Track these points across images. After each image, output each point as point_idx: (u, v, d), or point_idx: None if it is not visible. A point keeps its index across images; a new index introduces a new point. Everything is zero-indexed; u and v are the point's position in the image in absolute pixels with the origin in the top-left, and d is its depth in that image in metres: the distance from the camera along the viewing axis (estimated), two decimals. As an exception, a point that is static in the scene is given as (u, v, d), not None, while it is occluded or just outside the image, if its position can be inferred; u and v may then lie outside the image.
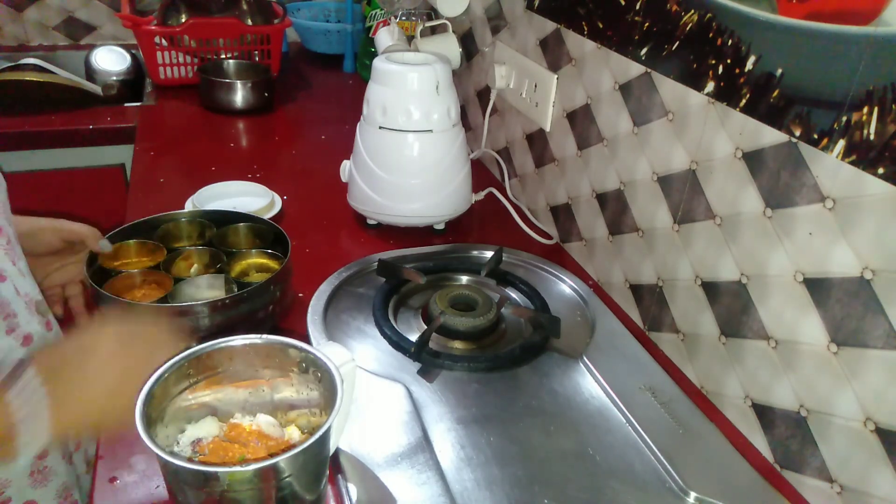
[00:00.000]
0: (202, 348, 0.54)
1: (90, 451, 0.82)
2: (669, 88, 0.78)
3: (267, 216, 1.04)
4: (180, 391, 0.54)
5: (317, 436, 0.48)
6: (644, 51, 0.82)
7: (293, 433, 0.56)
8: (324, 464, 0.53)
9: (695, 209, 0.76)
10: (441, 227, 1.07)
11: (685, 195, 0.77)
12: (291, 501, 0.50)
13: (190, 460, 0.51)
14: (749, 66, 0.66)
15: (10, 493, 0.72)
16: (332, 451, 0.55)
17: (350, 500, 0.55)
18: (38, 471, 0.73)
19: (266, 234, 0.86)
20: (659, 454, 0.61)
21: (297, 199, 1.14)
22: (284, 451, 0.47)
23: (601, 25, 0.90)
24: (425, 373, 0.69)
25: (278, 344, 0.55)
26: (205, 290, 0.77)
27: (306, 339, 0.72)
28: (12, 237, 0.74)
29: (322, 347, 0.55)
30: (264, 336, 0.55)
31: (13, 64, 1.52)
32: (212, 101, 1.50)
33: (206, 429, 0.55)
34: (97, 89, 1.55)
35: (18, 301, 0.71)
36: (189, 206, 1.05)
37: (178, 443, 0.54)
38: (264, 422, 0.56)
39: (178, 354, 0.53)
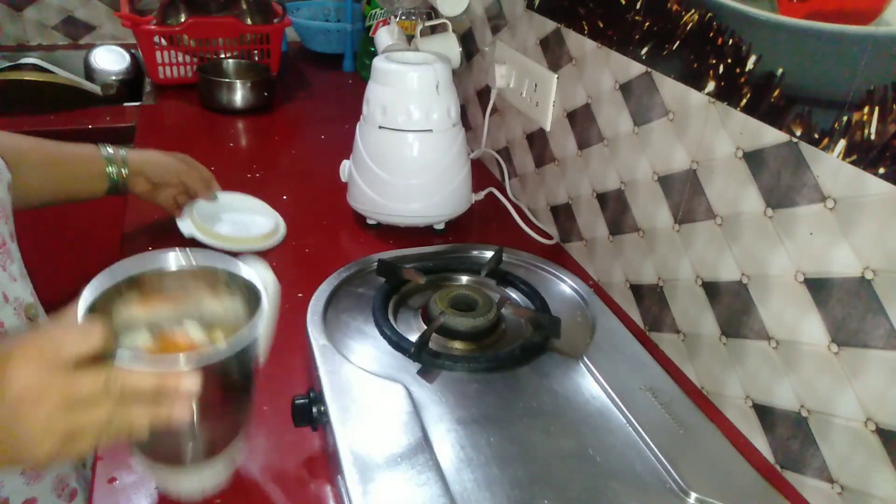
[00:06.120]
0: (134, 267, 0.56)
1: None
2: (670, 88, 0.78)
3: (269, 243, 0.98)
4: (114, 308, 0.54)
5: (244, 332, 0.51)
6: (644, 50, 0.82)
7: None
8: (250, 374, 0.55)
9: (695, 209, 0.76)
10: (441, 227, 1.07)
11: (686, 195, 0.77)
12: (222, 407, 0.53)
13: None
14: (750, 65, 0.66)
15: (6, 492, 0.71)
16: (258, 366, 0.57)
17: (349, 500, 0.55)
18: (29, 468, 0.72)
19: None
20: (659, 454, 0.61)
21: (296, 198, 1.14)
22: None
23: (601, 25, 0.90)
24: (425, 373, 0.69)
25: (206, 262, 0.58)
26: None
27: (306, 339, 0.72)
28: (7, 237, 0.74)
29: (248, 265, 0.57)
30: (194, 251, 0.57)
31: (12, 64, 1.52)
32: (211, 101, 1.50)
33: (140, 341, 0.56)
34: (96, 89, 1.55)
35: (6, 308, 0.71)
36: (188, 220, 0.98)
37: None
38: (194, 333, 0.57)
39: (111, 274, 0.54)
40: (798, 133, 0.61)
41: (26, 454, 0.45)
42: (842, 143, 0.57)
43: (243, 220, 1.01)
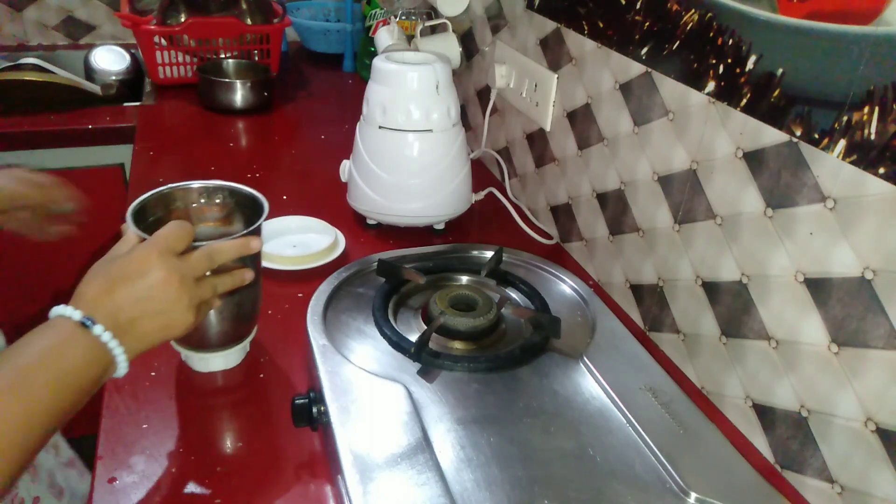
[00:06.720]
0: (169, 187, 0.71)
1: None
2: (670, 88, 0.78)
3: (334, 255, 0.97)
4: (153, 220, 0.69)
5: (257, 224, 0.67)
6: (644, 50, 0.82)
7: None
8: (260, 265, 0.73)
9: (695, 209, 0.76)
10: (441, 227, 1.07)
11: (686, 195, 0.77)
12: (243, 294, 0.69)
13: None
14: (750, 65, 0.66)
15: (23, 493, 0.73)
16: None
17: (349, 500, 0.55)
18: (31, 467, 0.74)
19: None
20: (659, 454, 0.61)
21: (296, 199, 1.14)
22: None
23: (601, 25, 0.90)
24: (425, 373, 0.69)
25: (218, 187, 0.74)
26: None
27: (306, 339, 0.72)
28: None
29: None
30: (213, 182, 0.74)
31: (12, 64, 1.52)
32: (211, 101, 1.50)
33: None
34: (96, 89, 1.55)
35: None
36: None
37: None
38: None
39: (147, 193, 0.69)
40: (798, 133, 0.61)
41: (178, 328, 0.58)
42: (842, 143, 0.57)
43: (302, 239, 1.01)
